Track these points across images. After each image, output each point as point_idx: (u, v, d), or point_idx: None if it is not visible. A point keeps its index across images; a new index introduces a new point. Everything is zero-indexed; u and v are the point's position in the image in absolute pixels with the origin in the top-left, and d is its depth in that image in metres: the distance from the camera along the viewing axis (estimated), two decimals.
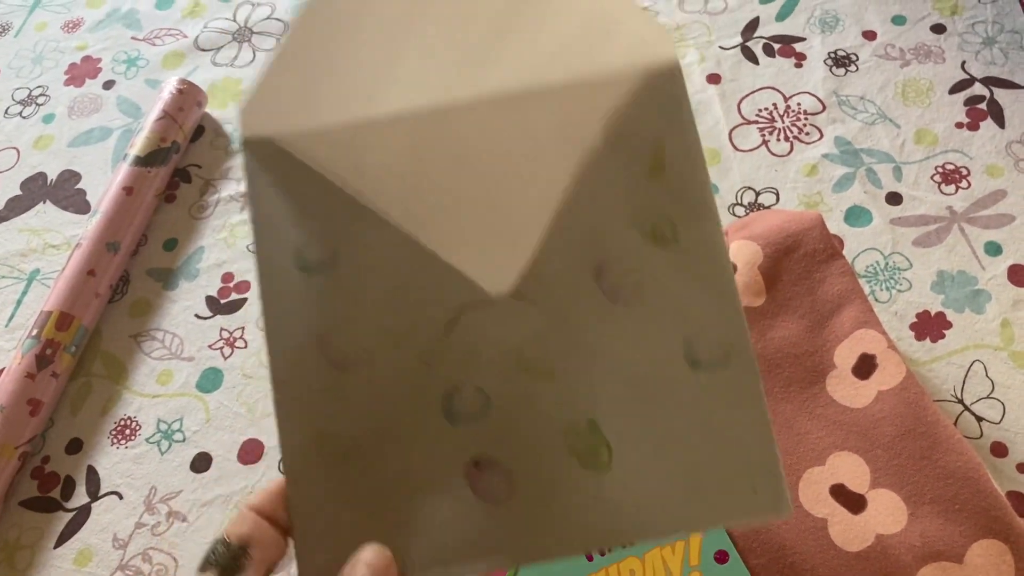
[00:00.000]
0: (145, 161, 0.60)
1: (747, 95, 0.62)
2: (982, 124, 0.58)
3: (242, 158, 0.33)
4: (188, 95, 0.63)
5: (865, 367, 0.43)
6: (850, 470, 0.40)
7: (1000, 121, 0.58)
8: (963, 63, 0.61)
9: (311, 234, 0.32)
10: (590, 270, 0.32)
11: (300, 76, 0.32)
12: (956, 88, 0.60)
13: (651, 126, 0.32)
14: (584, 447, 0.31)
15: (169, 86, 0.63)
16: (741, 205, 0.57)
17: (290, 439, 0.31)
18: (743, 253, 0.46)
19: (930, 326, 0.51)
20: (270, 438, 0.51)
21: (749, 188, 0.58)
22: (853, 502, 0.40)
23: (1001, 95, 0.59)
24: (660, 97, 0.32)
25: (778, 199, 0.57)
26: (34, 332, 0.52)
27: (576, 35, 0.32)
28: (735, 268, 0.46)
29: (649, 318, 0.31)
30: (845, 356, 0.43)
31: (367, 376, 0.31)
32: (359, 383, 0.31)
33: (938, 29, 0.63)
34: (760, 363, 0.43)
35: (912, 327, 0.51)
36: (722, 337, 0.31)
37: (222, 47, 0.70)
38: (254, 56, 0.69)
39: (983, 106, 0.59)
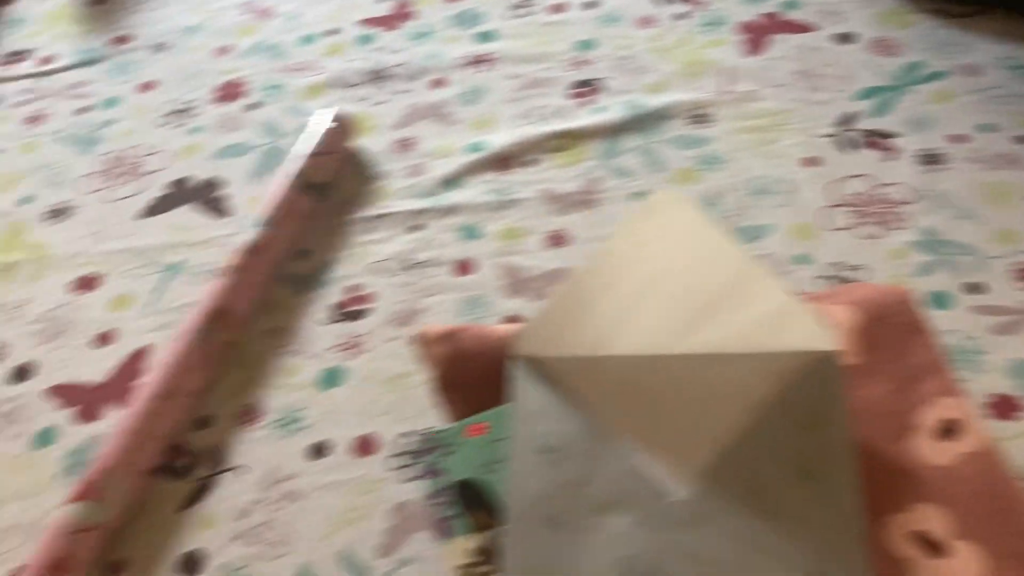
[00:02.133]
0: (319, 190, 0.68)
1: (840, 179, 0.67)
2: None
3: (513, 368, 0.47)
4: (343, 128, 0.71)
5: (947, 431, 0.46)
6: (932, 520, 0.43)
7: None
8: None
9: (550, 427, 0.45)
10: (747, 493, 0.42)
11: (566, 315, 0.47)
12: None
13: (811, 394, 0.42)
14: None
15: (325, 118, 0.70)
16: (827, 278, 0.61)
17: (511, 567, 0.42)
18: (840, 317, 0.51)
19: (1006, 408, 0.54)
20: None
21: (839, 263, 0.62)
22: (935, 550, 0.43)
23: None
24: (821, 374, 0.42)
25: (864, 278, 0.61)
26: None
27: (766, 320, 0.43)
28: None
29: (787, 537, 0.41)
30: (928, 419, 0.47)
31: (568, 534, 0.42)
32: (561, 540, 0.43)
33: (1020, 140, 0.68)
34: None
35: (988, 407, 0.54)
36: (844, 564, 0.40)
37: (358, 85, 0.78)
38: (390, 97, 0.77)
39: None
